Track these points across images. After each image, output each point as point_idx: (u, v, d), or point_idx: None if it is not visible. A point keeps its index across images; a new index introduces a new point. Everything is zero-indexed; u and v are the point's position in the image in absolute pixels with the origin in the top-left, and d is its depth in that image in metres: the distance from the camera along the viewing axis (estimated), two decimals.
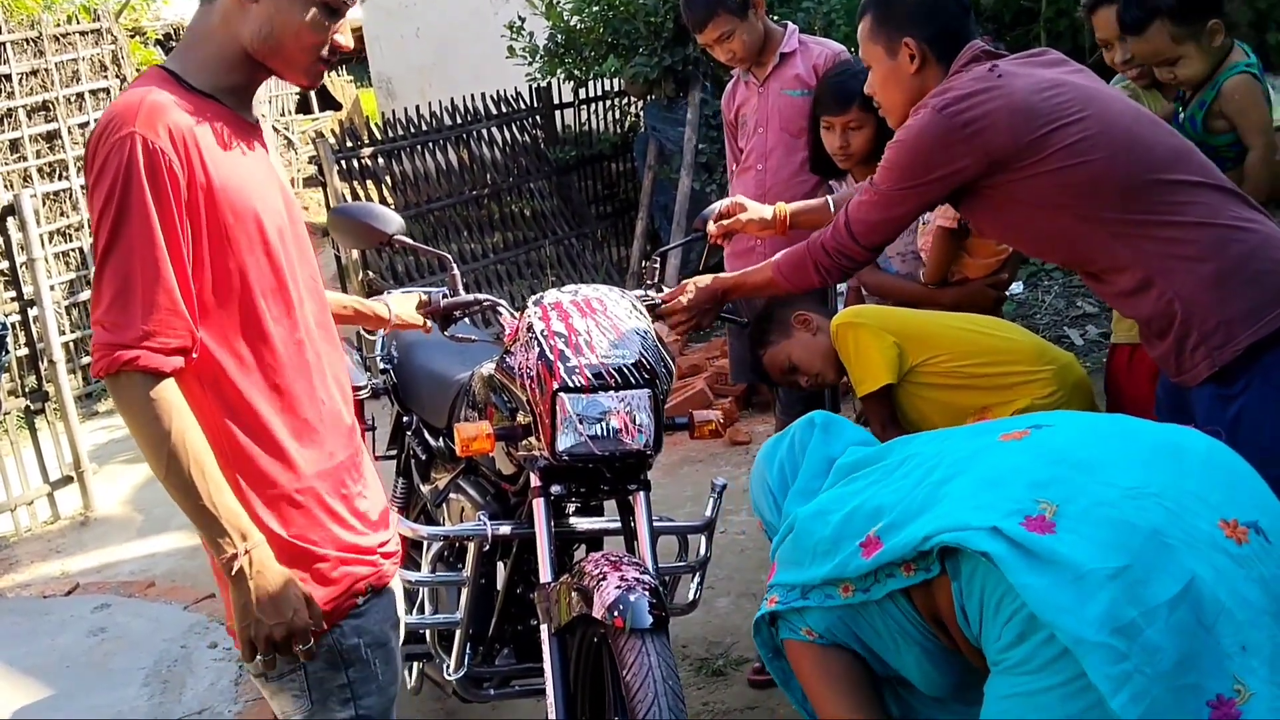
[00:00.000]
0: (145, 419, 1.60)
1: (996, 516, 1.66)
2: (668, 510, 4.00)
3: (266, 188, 1.76)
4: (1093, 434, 1.84)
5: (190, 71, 1.71)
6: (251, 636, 1.66)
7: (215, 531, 1.63)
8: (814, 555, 1.94)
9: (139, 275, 1.58)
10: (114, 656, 3.69)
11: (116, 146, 1.59)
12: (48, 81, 7.19)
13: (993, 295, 2.94)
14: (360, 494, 1.87)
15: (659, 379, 2.27)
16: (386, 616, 1.88)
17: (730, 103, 3.50)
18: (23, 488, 5.08)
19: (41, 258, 5.26)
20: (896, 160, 2.21)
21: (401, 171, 7.58)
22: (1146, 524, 1.62)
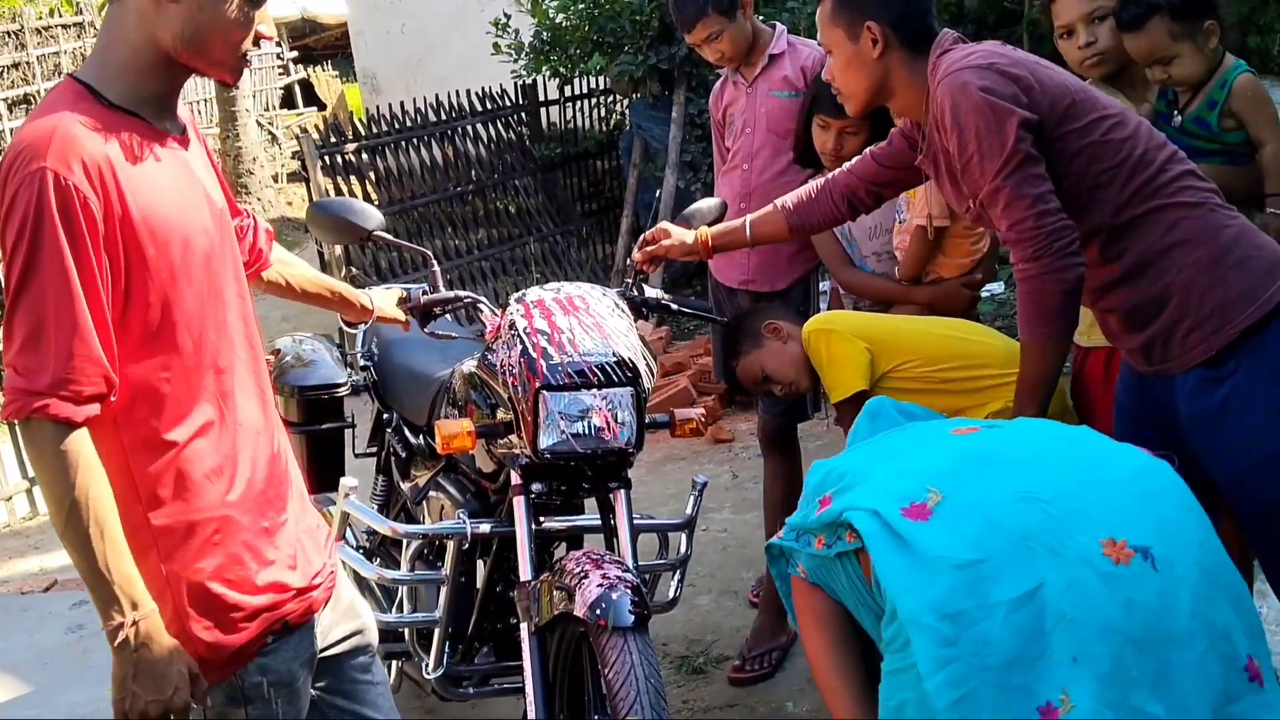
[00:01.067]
0: (52, 470, 1.52)
1: (884, 500, 1.75)
2: (649, 508, 4.00)
3: (192, 206, 1.67)
4: (1030, 438, 1.90)
5: (105, 82, 1.61)
6: (126, 709, 1.58)
7: (105, 597, 1.55)
8: (804, 502, 2.02)
9: (52, 320, 1.50)
10: (92, 653, 3.67)
11: (27, 182, 1.49)
12: (29, 75, 7.15)
13: (967, 295, 2.94)
14: (283, 524, 1.78)
15: (641, 377, 2.27)
16: (297, 655, 1.79)
17: (718, 102, 3.48)
18: (1, 483, 5.05)
19: None
20: (980, 140, 2.04)
21: (386, 167, 7.56)
22: (1016, 526, 1.68)
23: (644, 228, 7.52)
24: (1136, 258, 2.10)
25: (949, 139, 2.10)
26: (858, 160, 2.57)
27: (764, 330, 2.80)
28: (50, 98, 1.61)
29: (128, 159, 1.57)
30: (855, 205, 2.58)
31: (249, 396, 1.75)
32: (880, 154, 2.50)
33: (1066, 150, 2.08)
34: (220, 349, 1.69)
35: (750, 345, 2.82)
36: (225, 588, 1.68)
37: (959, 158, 2.10)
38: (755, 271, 3.33)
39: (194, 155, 1.73)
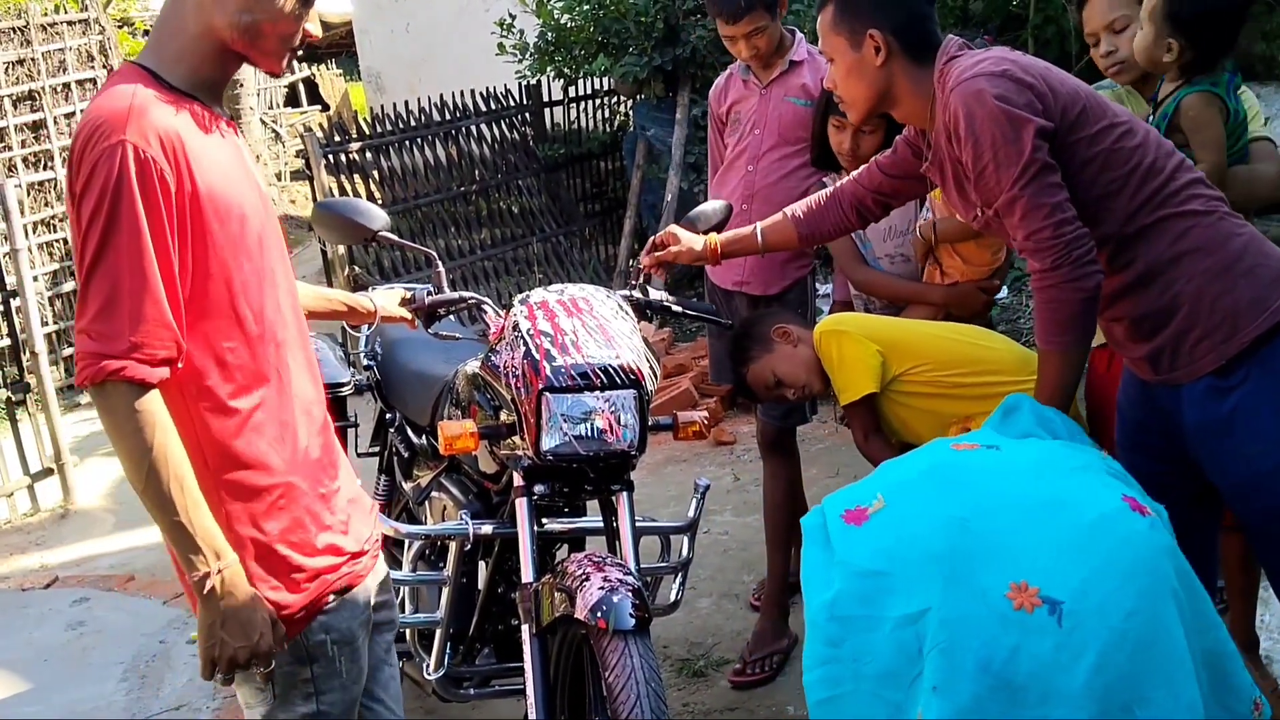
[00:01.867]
0: (129, 431, 1.58)
1: (837, 500, 1.82)
2: (651, 510, 4.00)
3: (246, 187, 1.74)
4: (1008, 466, 1.89)
5: (166, 67, 1.68)
6: (215, 656, 1.64)
7: (189, 549, 1.61)
8: None
9: (127, 286, 1.57)
10: (92, 651, 3.67)
11: (107, 154, 1.56)
12: (34, 71, 7.15)
13: (982, 299, 2.94)
14: (336, 491, 1.86)
15: (644, 379, 2.26)
16: (356, 615, 1.86)
17: (721, 97, 3.44)
18: (2, 479, 5.05)
19: (25, 248, 5.23)
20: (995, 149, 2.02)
21: (390, 166, 7.56)
22: (933, 547, 1.69)
23: (647, 229, 7.52)
24: (1145, 266, 2.09)
25: (962, 147, 2.08)
26: (864, 170, 2.56)
27: (773, 334, 2.79)
28: (115, 79, 1.67)
29: (193, 137, 1.64)
30: (864, 214, 2.57)
31: (301, 369, 1.82)
32: (885, 163, 2.50)
33: (1077, 158, 2.07)
34: (276, 323, 1.76)
35: (760, 350, 2.80)
36: (289, 549, 1.75)
37: (973, 166, 2.08)
38: (751, 274, 3.32)
39: (240, 141, 1.81)
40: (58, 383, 6.10)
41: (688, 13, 6.69)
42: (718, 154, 3.51)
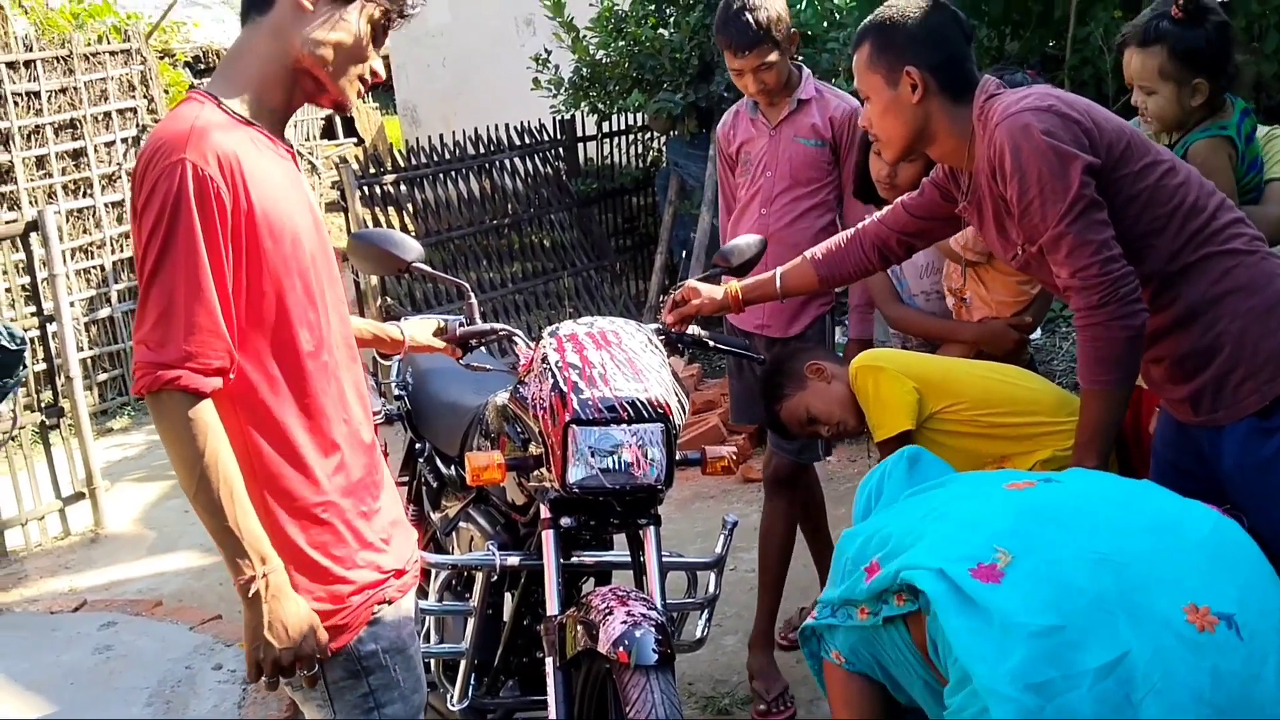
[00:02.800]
0: (182, 438, 1.64)
1: (949, 559, 1.69)
2: (678, 545, 3.98)
3: (300, 211, 1.79)
4: (1093, 495, 1.84)
5: (231, 95, 1.75)
6: (260, 659, 1.70)
7: (236, 553, 1.67)
8: (842, 574, 1.97)
9: (183, 298, 1.63)
10: (119, 675, 3.67)
11: (167, 172, 1.62)
12: (76, 100, 7.27)
13: (1014, 337, 2.91)
14: (378, 510, 1.89)
15: (672, 413, 2.26)
16: (403, 625, 1.90)
17: (730, 136, 3.41)
18: (35, 502, 5.09)
19: (63, 274, 5.30)
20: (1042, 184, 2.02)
21: (423, 199, 7.62)
22: (1095, 589, 1.62)
23: (678, 264, 7.54)
24: (1187, 306, 2.07)
25: (1007, 182, 2.07)
26: (889, 210, 2.56)
27: (806, 371, 2.77)
28: (180, 106, 1.75)
29: (251, 160, 1.70)
30: (886, 256, 2.56)
31: (349, 389, 1.86)
32: (912, 204, 2.49)
33: (1122, 195, 2.06)
34: (324, 343, 1.80)
35: (793, 387, 2.77)
36: (331, 562, 1.79)
37: (1018, 202, 2.07)
38: (771, 317, 3.29)
39: (297, 169, 1.86)
40: (91, 408, 6.17)
41: None
42: (729, 192, 3.49)
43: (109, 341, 7.43)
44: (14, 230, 5.15)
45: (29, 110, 7.07)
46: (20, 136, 7.00)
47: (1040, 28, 6.73)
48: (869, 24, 2.27)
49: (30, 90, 7.05)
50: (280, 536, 1.75)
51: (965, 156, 2.21)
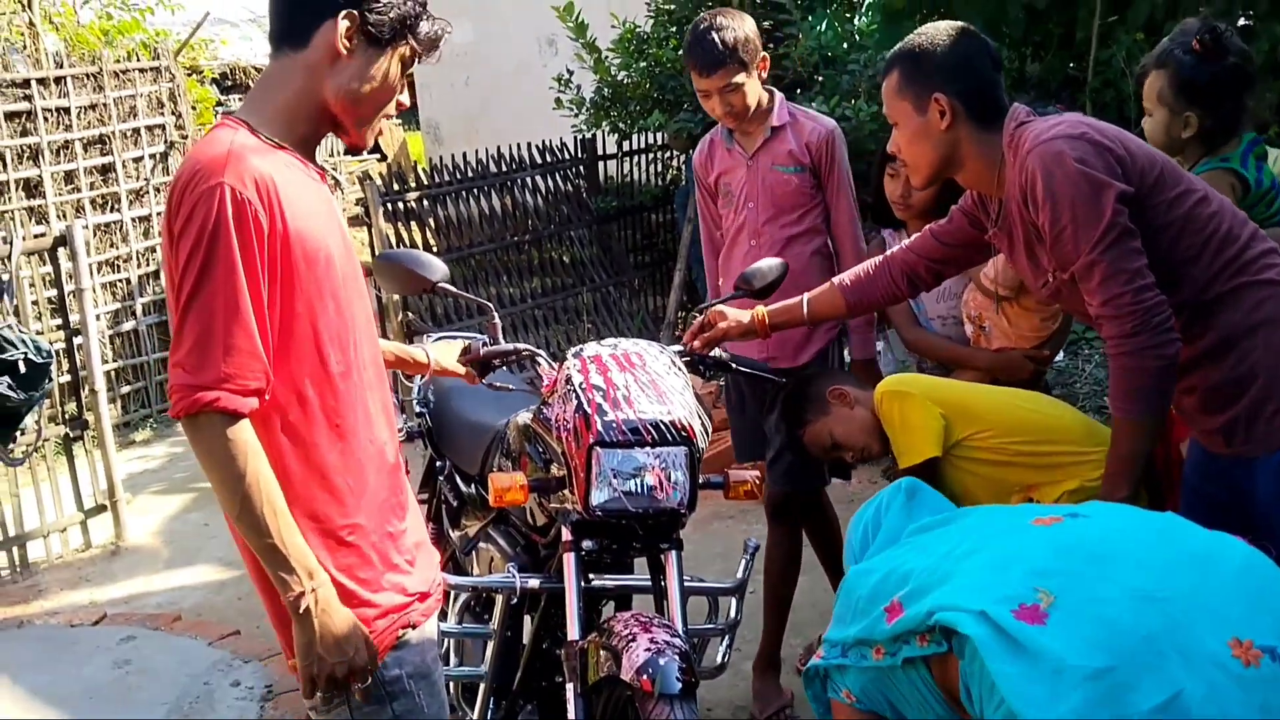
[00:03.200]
0: (222, 459, 1.64)
1: (989, 600, 1.65)
2: (696, 567, 3.96)
3: (332, 232, 1.81)
4: (1124, 530, 1.82)
5: (262, 121, 1.77)
6: (314, 674, 1.70)
7: (284, 569, 1.67)
8: (854, 613, 1.94)
9: (221, 319, 1.63)
10: (138, 690, 3.69)
11: (205, 196, 1.64)
12: (105, 116, 7.33)
13: (1029, 368, 2.90)
14: (403, 532, 1.90)
15: (696, 436, 2.25)
16: (426, 650, 1.90)
17: (707, 166, 3.33)
18: (57, 514, 5.12)
19: (90, 288, 5.34)
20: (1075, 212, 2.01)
21: (445, 215, 7.65)
22: (1143, 628, 1.59)
23: (695, 280, 7.54)
24: (1220, 336, 2.06)
25: (1039, 209, 2.06)
26: (918, 237, 2.55)
27: (829, 396, 2.74)
28: (214, 131, 1.78)
29: (285, 181, 1.72)
30: (915, 283, 2.55)
31: (377, 410, 1.87)
32: (940, 231, 2.48)
33: (1155, 223, 2.05)
34: (355, 364, 1.81)
35: (816, 413, 2.75)
36: (358, 585, 1.79)
37: (1050, 228, 2.06)
38: (777, 347, 3.24)
39: (329, 193, 1.88)
40: (114, 420, 6.20)
41: None
42: (711, 222, 3.42)
43: (133, 354, 7.48)
44: (43, 245, 5.20)
45: (59, 126, 7.14)
46: (50, 151, 7.07)
47: (1061, 50, 6.72)
48: (898, 51, 2.27)
49: (60, 106, 7.12)
50: None
51: (995, 183, 2.20)
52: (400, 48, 1.78)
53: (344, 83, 1.75)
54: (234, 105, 12.01)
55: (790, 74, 6.70)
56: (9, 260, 4.89)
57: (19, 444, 4.79)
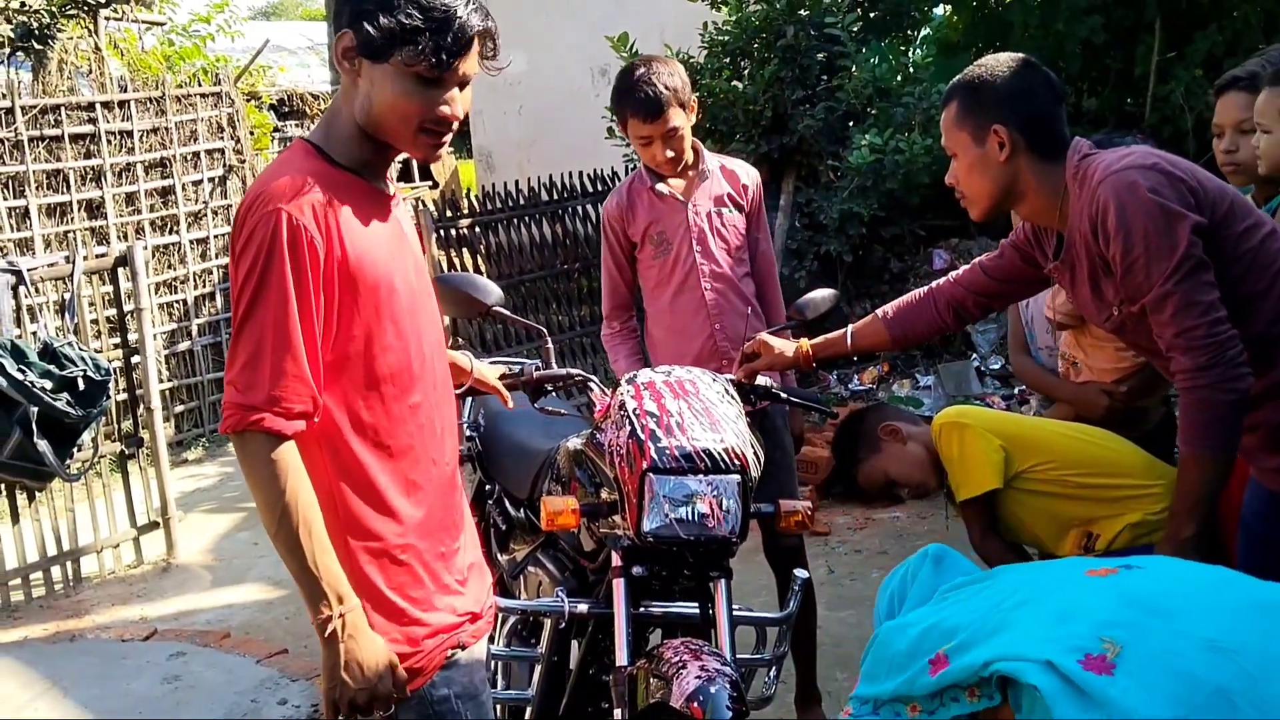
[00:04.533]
0: (264, 478, 1.68)
1: (1055, 650, 1.62)
2: (741, 598, 3.92)
3: (398, 257, 1.82)
4: (1183, 581, 1.78)
5: (330, 145, 1.79)
6: (336, 698, 1.71)
7: (315, 592, 1.69)
8: (889, 668, 1.90)
9: (270, 343, 1.67)
10: (186, 706, 3.72)
11: (264, 220, 1.67)
12: (166, 139, 7.50)
13: (1103, 403, 2.86)
14: (457, 551, 1.91)
15: (749, 466, 2.25)
16: (477, 670, 1.91)
17: (627, 217, 3.19)
18: (110, 530, 5.19)
19: (148, 308, 5.44)
20: (1148, 243, 1.99)
21: (497, 242, 7.72)
22: (1214, 680, 1.55)
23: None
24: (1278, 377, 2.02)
25: (1111, 241, 2.04)
26: (965, 270, 2.53)
27: (881, 433, 2.72)
28: (284, 155, 1.82)
29: (347, 208, 1.74)
30: (962, 316, 2.54)
31: (439, 432, 1.88)
32: (990, 266, 2.47)
33: (1225, 256, 2.02)
34: (415, 385, 1.82)
35: (868, 451, 2.73)
36: (407, 603, 1.80)
37: (1121, 260, 2.04)
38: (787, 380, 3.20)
39: (401, 213, 1.89)
40: (168, 439, 6.29)
41: (796, 102, 6.76)
42: (618, 281, 3.30)
43: (187, 374, 7.60)
44: (104, 264, 5.31)
45: (121, 149, 7.31)
46: (112, 174, 7.24)
47: (1119, 86, 6.68)
48: (957, 81, 2.26)
49: (123, 129, 7.29)
50: (359, 577, 1.77)
51: (1056, 216, 2.18)
52: (407, 61, 1.68)
53: (360, 101, 1.74)
54: (291, 131, 12.22)
55: (844, 106, 6.71)
56: (71, 279, 5.00)
57: (75, 460, 4.87)
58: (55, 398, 4.56)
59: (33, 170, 6.91)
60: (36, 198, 6.93)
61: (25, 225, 6.90)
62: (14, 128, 6.81)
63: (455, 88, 1.74)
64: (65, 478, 4.79)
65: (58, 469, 4.65)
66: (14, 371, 4.46)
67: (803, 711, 3.26)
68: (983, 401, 5.80)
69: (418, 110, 1.73)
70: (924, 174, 6.29)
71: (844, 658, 3.70)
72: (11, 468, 4.61)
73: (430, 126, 1.75)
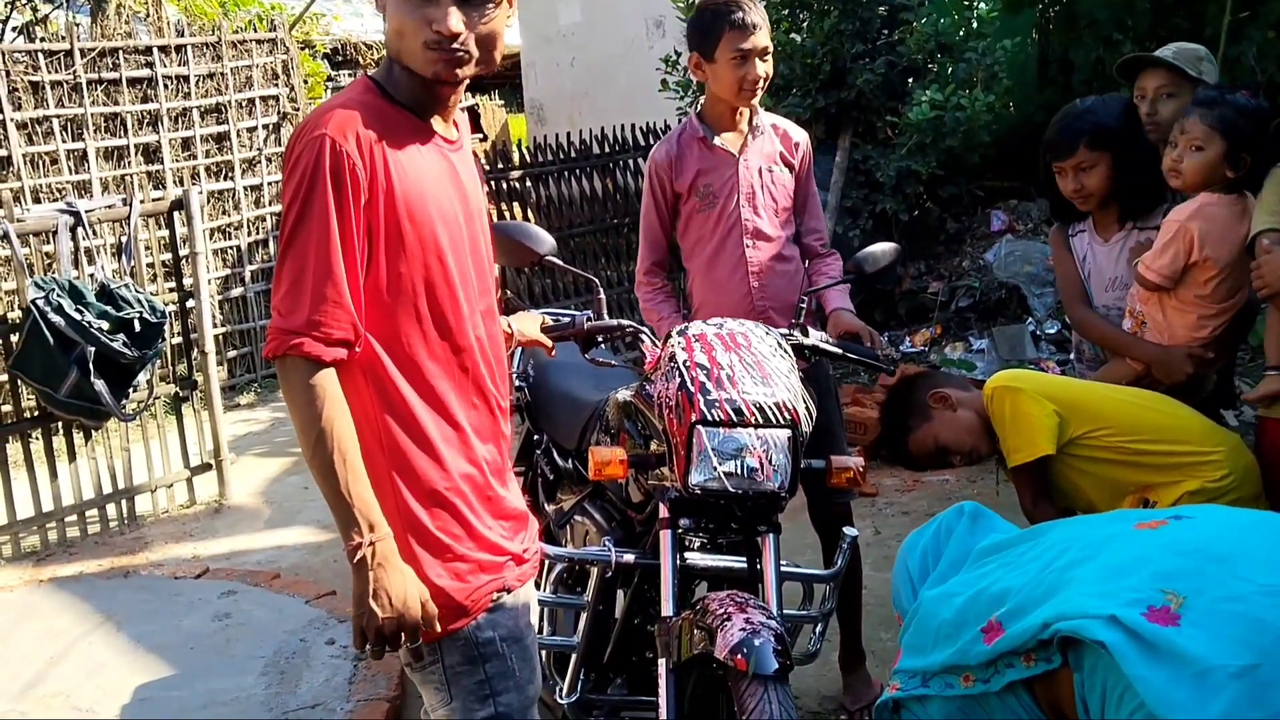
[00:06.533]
0: (302, 402, 1.69)
1: (1117, 605, 1.60)
2: (787, 555, 3.92)
3: (447, 199, 1.81)
4: (1235, 528, 1.75)
5: (388, 82, 1.80)
6: (363, 625, 1.71)
7: (346, 518, 1.69)
8: (936, 639, 1.88)
9: (311, 268, 1.68)
10: (236, 643, 3.78)
11: (309, 146, 1.68)
12: (222, 85, 7.53)
13: (1188, 369, 2.70)
14: (503, 498, 1.92)
15: (800, 421, 2.22)
16: (520, 615, 1.92)
17: (677, 168, 3.12)
18: (165, 470, 5.28)
19: (203, 252, 5.49)
20: None
21: (547, 195, 7.70)
22: (1278, 623, 1.53)
23: None
24: None
25: None
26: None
27: (930, 400, 2.68)
28: (346, 89, 1.82)
29: (397, 144, 1.73)
30: None
31: (485, 379, 1.88)
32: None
33: None
34: (460, 329, 1.82)
35: (919, 419, 2.69)
36: (453, 540, 1.81)
37: None
38: None
39: (461, 159, 1.88)
40: (221, 383, 6.38)
41: (856, 56, 6.64)
42: (660, 235, 3.26)
43: (240, 320, 7.68)
44: (160, 208, 5.36)
45: (178, 94, 7.35)
46: (169, 119, 7.29)
47: None
48: None
49: (180, 74, 7.33)
50: (406, 514, 1.78)
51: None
52: None
53: (388, 35, 1.75)
54: (344, 81, 12.23)
55: (904, 61, 6.58)
56: (128, 222, 5.05)
57: (131, 400, 4.94)
58: (112, 338, 4.62)
59: (90, 113, 6.97)
60: (95, 141, 7.00)
61: (84, 168, 6.97)
62: (73, 70, 6.87)
63: (453, 4, 1.70)
64: (121, 417, 4.87)
65: (114, 408, 4.72)
66: (72, 312, 4.52)
67: (847, 672, 3.25)
68: (1037, 366, 5.71)
69: (415, 24, 1.71)
70: (984, 132, 6.16)
71: (888, 619, 3.67)
72: (69, 406, 4.69)
73: (432, 43, 1.72)
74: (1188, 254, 2.63)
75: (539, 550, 2.05)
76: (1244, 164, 2.62)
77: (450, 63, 1.73)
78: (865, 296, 5.85)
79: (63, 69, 6.87)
